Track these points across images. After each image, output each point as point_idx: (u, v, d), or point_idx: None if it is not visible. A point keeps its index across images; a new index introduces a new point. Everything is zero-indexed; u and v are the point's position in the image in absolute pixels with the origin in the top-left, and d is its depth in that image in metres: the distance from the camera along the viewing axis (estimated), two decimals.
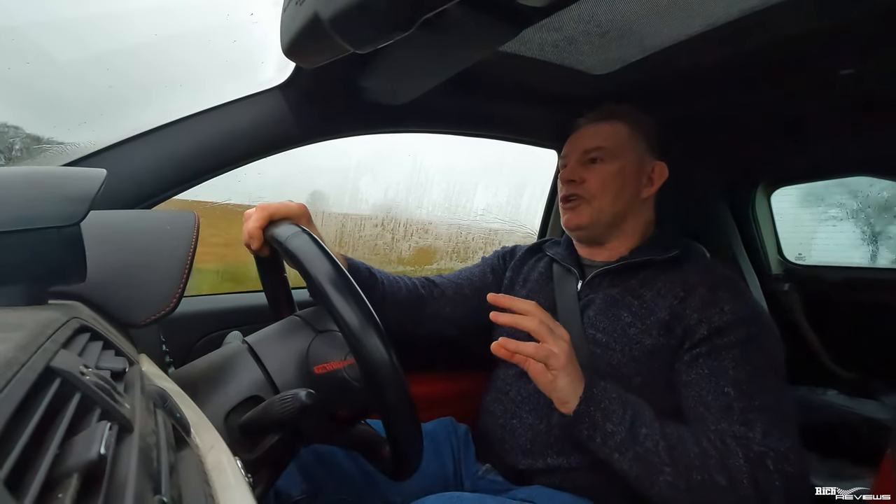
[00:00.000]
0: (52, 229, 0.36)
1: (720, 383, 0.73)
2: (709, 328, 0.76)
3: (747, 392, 0.71)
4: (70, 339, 0.30)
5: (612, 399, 0.71)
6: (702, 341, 0.77)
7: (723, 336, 0.76)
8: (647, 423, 0.70)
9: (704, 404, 0.73)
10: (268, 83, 0.93)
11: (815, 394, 1.34)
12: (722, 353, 0.75)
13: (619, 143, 0.92)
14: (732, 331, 0.75)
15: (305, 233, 0.60)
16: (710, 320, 0.77)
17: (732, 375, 0.73)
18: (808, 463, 0.70)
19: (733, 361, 0.74)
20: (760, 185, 1.42)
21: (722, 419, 0.71)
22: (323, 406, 0.56)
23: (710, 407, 0.73)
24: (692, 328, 0.78)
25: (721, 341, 0.75)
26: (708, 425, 0.71)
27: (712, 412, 0.72)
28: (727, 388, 0.72)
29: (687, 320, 0.78)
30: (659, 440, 0.68)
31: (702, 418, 0.73)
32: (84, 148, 0.84)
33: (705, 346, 0.76)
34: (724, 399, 0.72)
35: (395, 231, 1.65)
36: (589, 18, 0.81)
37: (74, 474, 0.19)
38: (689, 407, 0.75)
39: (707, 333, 0.76)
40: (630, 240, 0.94)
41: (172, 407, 0.34)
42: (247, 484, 0.33)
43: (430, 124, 1.17)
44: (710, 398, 0.73)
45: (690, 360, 0.77)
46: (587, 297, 0.91)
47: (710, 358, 0.75)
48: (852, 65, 0.89)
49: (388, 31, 0.53)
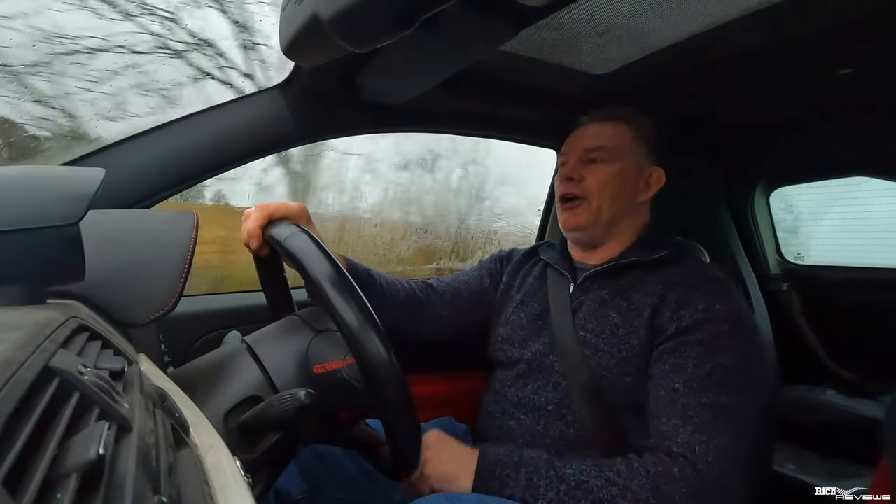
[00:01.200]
0: (51, 229, 0.36)
1: (674, 379, 0.74)
2: (677, 326, 0.78)
3: (697, 389, 0.72)
4: (69, 339, 0.30)
5: (504, 464, 0.73)
6: (669, 338, 0.78)
7: (689, 333, 0.76)
8: (545, 474, 0.71)
9: (655, 399, 0.75)
10: None
11: (813, 393, 1.34)
12: (686, 350, 0.76)
13: (621, 145, 0.92)
14: (701, 328, 0.76)
15: (305, 232, 0.59)
16: (680, 318, 0.78)
17: (689, 373, 0.74)
18: (806, 461, 0.70)
19: (695, 359, 0.74)
20: (759, 185, 1.42)
21: (663, 414, 0.73)
22: (322, 406, 0.56)
23: (659, 402, 0.75)
24: (663, 326, 0.79)
25: (686, 338, 0.76)
26: (657, 421, 0.74)
27: (660, 406, 0.74)
28: (677, 384, 0.74)
29: (660, 318, 0.80)
30: (559, 486, 0.69)
31: (652, 413, 0.75)
32: (83, 147, 0.83)
33: (671, 343, 0.77)
34: (672, 395, 0.73)
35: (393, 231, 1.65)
36: (588, 18, 0.81)
37: (73, 474, 0.19)
38: (648, 402, 0.77)
39: (675, 331, 0.78)
40: (623, 242, 0.94)
41: (171, 407, 0.34)
42: (246, 484, 0.33)
43: (430, 124, 1.17)
44: (662, 393, 0.75)
45: (657, 356, 0.78)
46: (578, 299, 0.91)
47: (674, 354, 0.76)
48: (852, 65, 0.89)
49: (387, 30, 0.53)
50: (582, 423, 0.82)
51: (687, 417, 0.71)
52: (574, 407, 0.83)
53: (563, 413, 0.83)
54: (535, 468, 0.72)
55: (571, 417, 0.83)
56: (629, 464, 0.70)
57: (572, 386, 0.84)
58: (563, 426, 0.83)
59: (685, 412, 0.71)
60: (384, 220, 1.63)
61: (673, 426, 0.71)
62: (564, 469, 0.71)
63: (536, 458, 0.73)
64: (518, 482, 0.71)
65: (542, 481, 0.70)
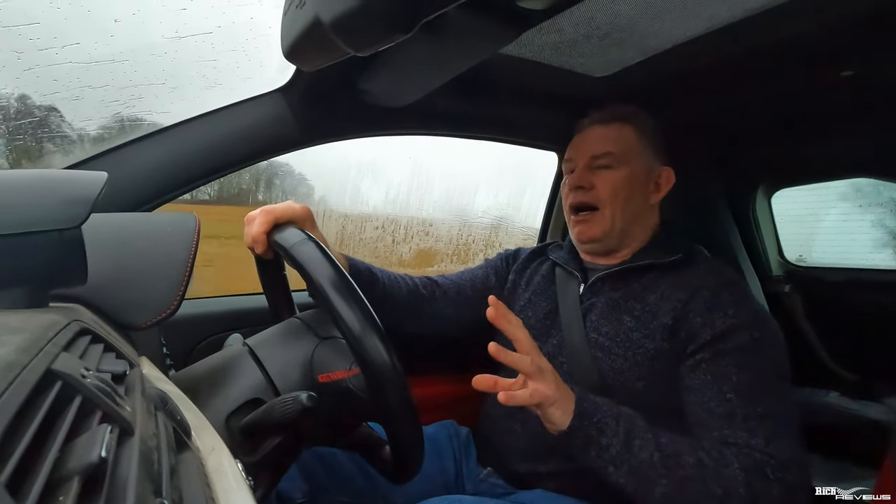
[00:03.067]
0: (54, 232, 0.36)
1: (723, 389, 0.72)
2: (712, 332, 0.76)
3: (750, 398, 0.70)
4: (71, 342, 0.30)
5: (605, 412, 0.70)
6: (705, 346, 0.76)
7: (726, 341, 0.75)
8: (641, 434, 0.69)
9: (707, 410, 0.73)
10: None
11: (817, 396, 1.34)
12: (725, 357, 0.74)
13: (628, 148, 0.90)
14: (735, 335, 0.75)
15: (311, 240, 0.60)
16: (713, 324, 0.76)
17: (735, 381, 0.72)
18: (811, 464, 0.70)
19: (736, 366, 0.73)
20: (761, 187, 1.42)
21: (724, 425, 0.70)
22: (326, 414, 0.56)
23: (712, 412, 0.72)
24: (696, 332, 0.77)
25: (724, 346, 0.74)
26: (711, 431, 0.71)
27: (715, 418, 0.71)
28: (729, 395, 0.71)
29: (690, 324, 0.78)
30: (654, 451, 0.67)
31: (704, 423, 0.72)
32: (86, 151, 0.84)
33: (708, 351, 0.75)
34: (727, 405, 0.71)
35: (395, 233, 1.65)
36: (589, 21, 0.82)
37: (75, 477, 0.19)
38: (691, 412, 0.75)
39: (710, 338, 0.76)
40: (636, 245, 0.93)
41: (173, 409, 0.34)
42: (248, 486, 0.33)
43: (431, 126, 1.17)
44: (713, 404, 0.72)
45: (693, 365, 0.76)
46: (589, 300, 0.90)
47: (714, 363, 0.74)
48: (853, 66, 0.89)
49: (388, 33, 0.53)
50: None
51: (752, 429, 0.68)
52: None
53: None
54: (634, 425, 0.69)
55: None
56: (721, 452, 0.67)
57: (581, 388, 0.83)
58: None
59: (747, 423, 0.69)
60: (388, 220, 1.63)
61: (743, 438, 0.68)
62: (660, 436, 0.69)
63: (634, 416, 0.71)
64: (617, 433, 0.68)
65: (638, 440, 0.68)
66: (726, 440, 0.69)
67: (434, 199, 1.68)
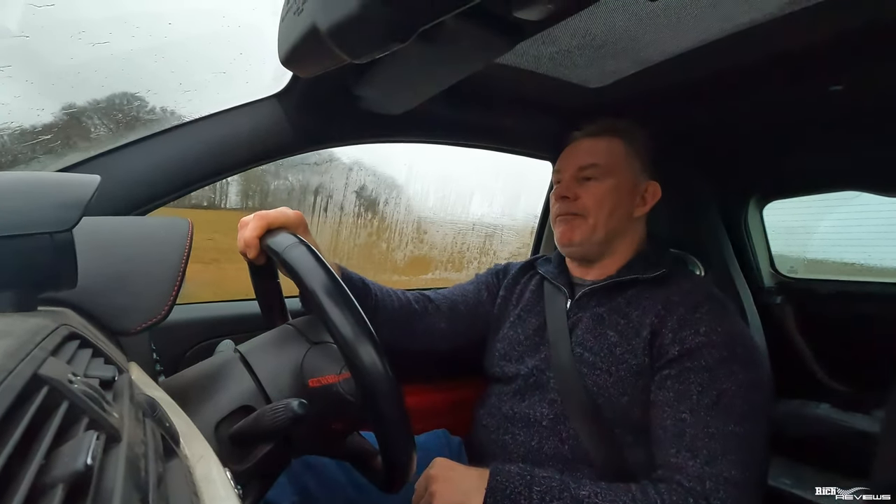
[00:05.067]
0: (45, 235, 0.36)
1: (680, 408, 0.73)
2: (680, 349, 0.76)
3: (704, 418, 0.71)
4: (59, 347, 0.30)
5: (517, 483, 0.72)
6: (672, 362, 0.77)
7: (693, 359, 0.75)
8: (559, 494, 0.70)
9: (663, 428, 0.74)
10: None
11: (808, 407, 1.34)
12: (690, 376, 0.75)
13: (615, 161, 0.91)
14: (703, 353, 0.75)
15: (303, 244, 0.59)
16: (682, 341, 0.77)
17: (695, 400, 0.73)
18: (801, 476, 0.70)
19: (700, 386, 0.73)
20: (753, 199, 1.44)
21: (672, 445, 0.72)
22: (316, 420, 0.56)
23: (666, 431, 0.74)
24: (665, 347, 0.78)
25: (691, 364, 0.75)
26: (661, 451, 0.73)
27: (668, 436, 0.73)
28: (684, 414, 0.73)
29: (662, 339, 0.79)
30: None
31: (659, 443, 0.74)
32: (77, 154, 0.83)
33: (675, 368, 0.76)
34: (679, 425, 0.72)
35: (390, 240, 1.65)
36: (584, 32, 0.83)
37: (60, 485, 0.18)
38: (651, 429, 0.76)
39: (678, 354, 0.76)
40: (621, 258, 0.93)
41: (162, 416, 0.34)
42: (236, 495, 0.32)
43: (427, 134, 1.18)
44: (669, 422, 0.74)
45: (660, 381, 0.77)
46: (576, 315, 0.91)
47: (678, 380, 0.75)
48: (842, 81, 0.90)
49: (385, 41, 0.53)
50: (577, 439, 0.81)
51: (696, 449, 0.70)
52: (569, 423, 0.82)
53: (558, 429, 0.83)
54: (548, 488, 0.71)
55: (566, 434, 0.82)
56: (644, 491, 0.69)
57: (568, 402, 0.83)
58: (558, 442, 0.82)
59: (693, 443, 0.70)
60: None
61: (682, 458, 0.70)
62: (579, 490, 0.70)
63: (549, 478, 0.72)
64: (531, 500, 0.70)
65: (556, 502, 0.69)
66: (668, 466, 0.71)
67: (430, 206, 1.68)
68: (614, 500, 0.68)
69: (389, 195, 1.57)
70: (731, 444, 0.69)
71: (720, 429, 0.70)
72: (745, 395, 0.73)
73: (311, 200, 1.45)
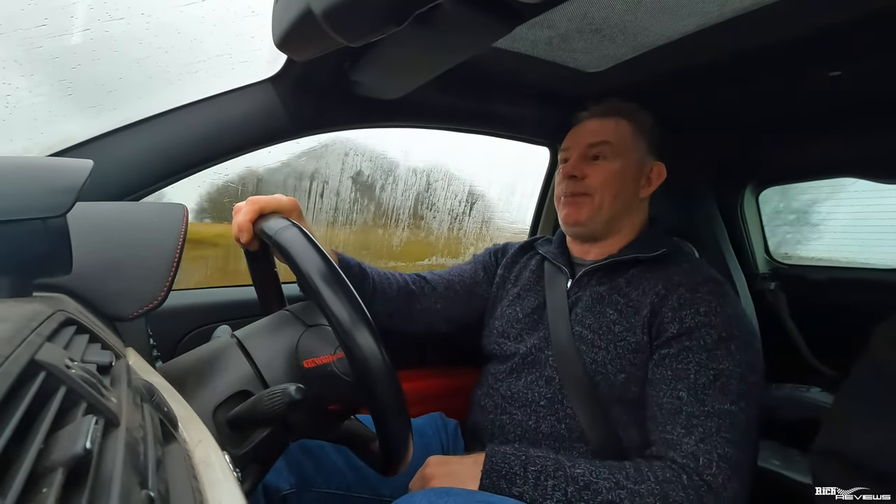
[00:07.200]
0: (38, 221, 0.36)
1: (677, 387, 0.74)
2: (679, 327, 0.77)
3: (701, 397, 0.72)
4: (55, 332, 0.30)
5: (512, 463, 0.73)
6: (670, 340, 0.78)
7: (692, 338, 0.76)
8: (553, 473, 0.71)
9: (658, 405, 0.75)
10: None
11: (798, 391, 1.36)
12: (688, 355, 0.75)
13: (623, 141, 0.91)
14: (702, 333, 0.76)
15: (295, 226, 0.59)
16: (682, 320, 0.78)
17: (692, 379, 0.74)
18: (790, 458, 0.71)
19: (697, 365, 0.74)
20: (749, 185, 1.44)
21: (667, 423, 0.73)
22: (312, 401, 0.56)
23: (662, 408, 0.75)
24: (664, 326, 0.79)
25: (689, 343, 0.76)
26: (657, 429, 0.74)
27: (663, 414, 0.74)
28: (682, 392, 0.74)
29: (662, 318, 0.79)
30: (567, 487, 0.69)
31: (654, 419, 0.75)
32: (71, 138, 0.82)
33: (674, 346, 0.77)
34: (675, 403, 0.74)
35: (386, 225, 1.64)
36: (582, 16, 0.82)
37: (59, 469, 0.19)
38: (648, 406, 0.77)
39: (676, 332, 0.77)
40: (623, 239, 0.94)
41: (160, 401, 0.34)
42: (235, 479, 0.32)
43: (423, 119, 1.17)
44: (665, 400, 0.75)
45: (659, 360, 0.78)
46: (575, 294, 0.91)
47: (676, 360, 0.76)
48: (841, 67, 0.90)
49: (380, 25, 0.53)
50: (573, 418, 0.82)
51: (691, 427, 0.71)
52: (566, 402, 0.83)
53: (555, 408, 0.84)
54: (543, 467, 0.72)
55: (563, 413, 0.83)
56: (638, 468, 0.70)
57: (565, 381, 0.84)
58: (555, 421, 0.83)
59: (689, 421, 0.71)
60: None
61: (677, 435, 0.71)
62: (574, 469, 0.71)
63: (544, 458, 0.73)
64: (526, 479, 0.71)
65: (551, 480, 0.70)
66: (663, 442, 0.72)
67: None
68: (608, 478, 0.69)
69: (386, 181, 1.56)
70: (726, 423, 0.71)
71: (716, 407, 0.71)
72: (742, 376, 0.74)
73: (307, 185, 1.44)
